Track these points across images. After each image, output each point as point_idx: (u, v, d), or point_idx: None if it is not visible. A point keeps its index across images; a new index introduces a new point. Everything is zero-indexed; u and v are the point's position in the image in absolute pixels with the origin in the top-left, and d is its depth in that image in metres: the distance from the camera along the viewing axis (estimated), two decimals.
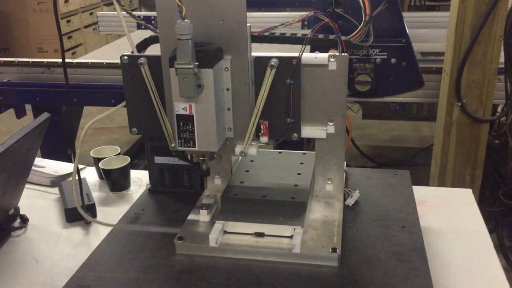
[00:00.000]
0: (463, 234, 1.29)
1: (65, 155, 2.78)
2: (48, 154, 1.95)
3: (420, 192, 1.35)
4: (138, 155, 3.42)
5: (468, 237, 1.28)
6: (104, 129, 4.44)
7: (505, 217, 2.59)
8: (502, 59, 2.09)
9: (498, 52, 2.05)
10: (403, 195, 1.29)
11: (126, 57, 1.14)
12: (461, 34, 2.04)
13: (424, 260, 1.04)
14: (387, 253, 1.06)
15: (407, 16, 2.38)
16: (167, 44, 1.05)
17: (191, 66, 0.97)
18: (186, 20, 0.96)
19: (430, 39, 2.96)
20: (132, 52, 1.19)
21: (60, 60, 2.57)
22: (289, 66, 1.08)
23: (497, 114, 2.41)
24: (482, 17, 1.99)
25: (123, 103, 1.22)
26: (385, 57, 2.30)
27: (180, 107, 1.04)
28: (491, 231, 1.29)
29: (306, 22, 3.26)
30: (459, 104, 2.13)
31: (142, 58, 1.11)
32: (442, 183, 2.29)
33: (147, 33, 1.25)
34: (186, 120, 1.04)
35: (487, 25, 2.00)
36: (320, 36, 1.17)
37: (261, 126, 1.12)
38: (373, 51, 2.30)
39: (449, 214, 1.38)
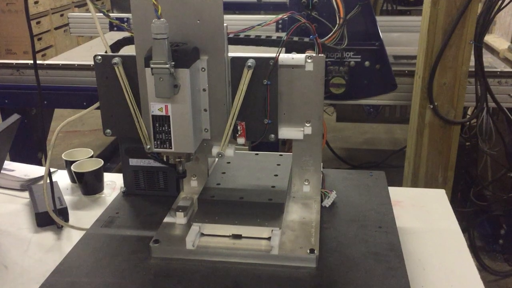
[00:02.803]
0: (437, 233, 1.30)
1: (35, 159, 2.72)
2: (17, 158, 1.90)
3: (394, 192, 1.36)
4: (110, 159, 3.36)
5: (443, 236, 1.29)
6: (75, 132, 4.36)
7: (476, 217, 2.65)
8: (472, 62, 2.14)
9: (468, 55, 2.09)
10: (379, 195, 1.30)
11: (99, 57, 1.12)
12: (433, 38, 2.08)
13: (401, 259, 1.05)
14: (364, 253, 1.07)
15: (380, 20, 2.40)
16: (142, 44, 1.04)
17: (167, 66, 0.95)
18: (162, 19, 0.94)
19: (402, 42, 3.01)
20: (105, 52, 1.16)
21: (30, 61, 2.54)
22: (266, 67, 1.07)
23: (467, 116, 2.46)
24: (454, 21, 2.03)
25: (96, 105, 1.20)
26: (359, 60, 2.32)
27: (156, 108, 1.02)
28: (462, 232, 1.32)
29: (280, 25, 3.27)
30: (431, 106, 2.17)
31: (116, 58, 1.09)
32: (415, 185, 2.33)
33: (119, 35, 1.24)
34: (162, 121, 1.03)
35: (458, 29, 2.04)
36: (295, 38, 1.17)
37: (238, 127, 1.12)
38: (347, 54, 2.32)
39: (423, 214, 1.40)
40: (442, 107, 2.18)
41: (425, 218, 1.38)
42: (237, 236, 1.08)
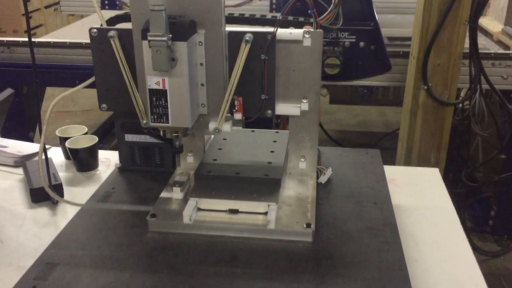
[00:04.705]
0: (430, 210, 1.32)
1: (27, 138, 2.69)
2: (8, 137, 1.88)
3: (389, 171, 1.37)
4: (103, 138, 3.35)
5: (436, 213, 1.31)
6: (67, 113, 4.33)
7: (467, 198, 2.68)
8: (467, 44, 2.14)
9: (463, 36, 2.09)
10: (374, 172, 1.31)
11: (95, 30, 1.11)
12: (428, 18, 2.07)
13: (396, 234, 1.06)
14: (360, 228, 1.08)
15: (375, 1, 2.40)
16: (139, 16, 1.02)
17: (164, 38, 0.95)
18: None
19: (397, 24, 3.00)
20: (101, 25, 1.15)
21: (21, 39, 2.49)
22: (264, 42, 1.07)
23: (460, 98, 2.46)
24: (449, 2, 2.02)
25: (92, 79, 1.19)
26: (354, 40, 2.32)
27: (153, 82, 1.01)
28: None
29: (274, 6, 3.25)
30: (425, 87, 2.17)
31: (112, 31, 1.08)
32: (408, 165, 2.34)
33: (111, 13, 1.25)
34: (159, 95, 1.02)
35: (453, 10, 2.04)
36: (290, 18, 1.17)
37: (235, 103, 1.11)
38: (342, 34, 2.32)
39: (417, 192, 1.41)
40: (436, 88, 2.18)
41: (419, 196, 1.39)
42: (234, 211, 1.09)
